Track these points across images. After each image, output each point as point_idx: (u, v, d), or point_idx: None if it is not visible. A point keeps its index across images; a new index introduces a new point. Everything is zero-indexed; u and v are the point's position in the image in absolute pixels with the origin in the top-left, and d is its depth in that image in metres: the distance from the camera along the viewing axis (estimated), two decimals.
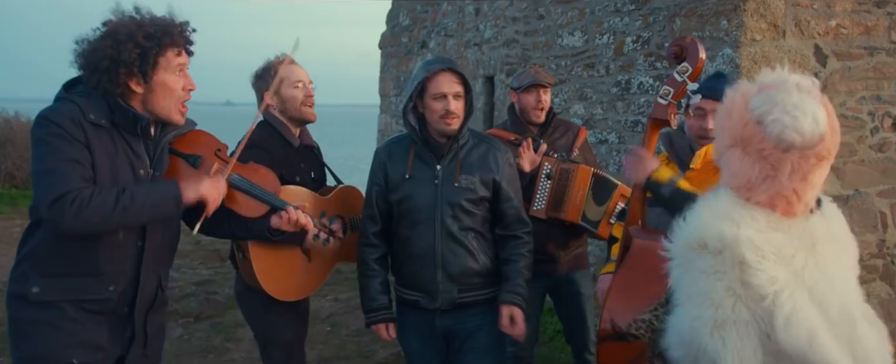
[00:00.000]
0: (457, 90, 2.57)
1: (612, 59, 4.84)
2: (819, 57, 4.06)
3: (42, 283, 1.98)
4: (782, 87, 1.44)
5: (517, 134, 3.32)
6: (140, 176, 2.04)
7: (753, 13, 3.86)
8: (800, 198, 1.44)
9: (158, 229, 2.12)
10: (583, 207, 3.17)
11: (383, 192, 2.66)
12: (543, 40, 5.50)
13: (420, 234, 2.60)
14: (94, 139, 1.94)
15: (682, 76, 2.39)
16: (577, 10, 5.17)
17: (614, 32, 4.81)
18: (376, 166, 2.70)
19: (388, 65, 8.35)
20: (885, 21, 4.17)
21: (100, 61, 1.95)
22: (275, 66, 2.73)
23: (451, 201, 2.58)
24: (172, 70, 2.02)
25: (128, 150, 2.01)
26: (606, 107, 4.90)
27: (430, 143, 2.63)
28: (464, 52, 6.71)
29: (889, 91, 4.21)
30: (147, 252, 2.09)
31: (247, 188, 2.30)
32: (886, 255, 4.25)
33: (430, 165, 2.63)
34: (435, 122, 2.58)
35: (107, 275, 2.02)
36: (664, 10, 4.38)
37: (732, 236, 1.39)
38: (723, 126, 1.50)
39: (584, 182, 3.18)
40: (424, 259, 2.60)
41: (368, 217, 2.69)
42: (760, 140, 1.42)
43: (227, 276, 6.08)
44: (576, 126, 3.50)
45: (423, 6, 7.56)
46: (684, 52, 2.40)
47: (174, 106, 2.04)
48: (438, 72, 2.56)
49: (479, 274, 2.63)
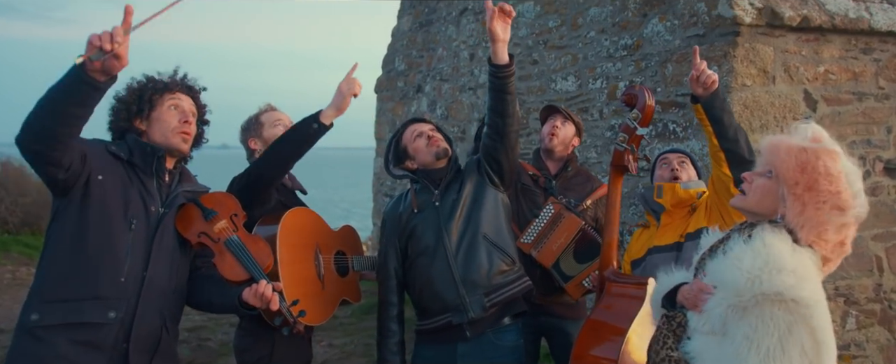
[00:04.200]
0: (427, 128, 2.84)
1: (605, 104, 4.90)
2: (809, 102, 4.12)
3: (43, 308, 2.03)
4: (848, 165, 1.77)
5: (537, 168, 3.34)
6: (151, 212, 2.16)
7: (743, 59, 3.93)
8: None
9: (164, 261, 2.17)
10: (558, 255, 3.13)
11: (398, 249, 2.79)
12: (538, 85, 5.58)
13: (433, 255, 2.68)
14: (109, 165, 2.14)
15: (633, 122, 2.51)
16: (570, 56, 5.25)
17: (607, 77, 4.88)
18: (387, 230, 2.84)
19: (383, 108, 8.43)
20: (871, 67, 4.26)
21: (116, 110, 2.28)
22: (257, 116, 2.94)
23: (451, 213, 2.69)
24: (166, 107, 2.28)
25: (141, 187, 2.18)
26: (601, 150, 4.93)
27: (428, 172, 2.81)
28: (459, 97, 6.79)
29: (879, 135, 4.26)
30: (150, 282, 2.13)
31: (238, 252, 2.34)
32: (884, 299, 4.24)
33: (429, 192, 2.78)
34: (425, 152, 2.79)
35: (108, 300, 2.05)
36: (656, 56, 4.45)
37: (810, 299, 1.63)
38: (802, 180, 1.72)
39: (569, 232, 3.14)
40: (444, 276, 2.65)
41: (389, 290, 2.79)
42: (850, 211, 1.72)
43: (220, 323, 6.00)
44: (597, 180, 3.48)
45: (418, 51, 7.68)
46: (633, 100, 2.53)
47: (170, 133, 2.25)
48: (406, 127, 2.88)
49: (501, 272, 2.68)
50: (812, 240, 1.70)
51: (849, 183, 1.73)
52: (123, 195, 2.12)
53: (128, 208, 2.12)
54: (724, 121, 2.47)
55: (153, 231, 2.17)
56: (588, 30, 5.07)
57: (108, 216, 2.09)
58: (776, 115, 4.02)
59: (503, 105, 2.61)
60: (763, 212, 1.80)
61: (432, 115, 7.27)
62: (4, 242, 9.59)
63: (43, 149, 1.96)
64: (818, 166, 1.71)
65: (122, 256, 2.08)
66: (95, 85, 1.86)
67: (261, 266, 2.33)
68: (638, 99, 2.51)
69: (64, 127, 1.93)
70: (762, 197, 1.79)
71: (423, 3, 7.61)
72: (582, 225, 3.14)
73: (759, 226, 1.75)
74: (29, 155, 1.99)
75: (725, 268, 1.70)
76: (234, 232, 2.35)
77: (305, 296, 2.56)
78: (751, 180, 1.83)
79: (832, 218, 1.70)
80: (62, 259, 2.07)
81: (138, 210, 2.14)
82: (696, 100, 2.51)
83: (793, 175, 1.72)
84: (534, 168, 3.36)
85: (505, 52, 2.54)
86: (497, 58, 2.54)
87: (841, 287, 4.12)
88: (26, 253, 8.93)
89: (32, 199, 10.23)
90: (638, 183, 4.36)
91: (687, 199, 2.75)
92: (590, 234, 3.16)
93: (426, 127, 2.85)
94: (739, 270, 1.66)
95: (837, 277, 4.05)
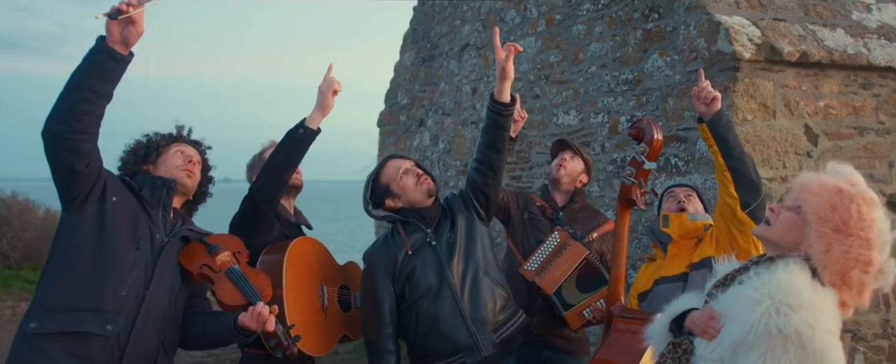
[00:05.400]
0: (410, 164, 2.79)
1: (607, 138, 4.92)
2: (810, 136, 4.13)
3: (43, 317, 2.09)
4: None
5: (545, 200, 3.35)
6: (156, 239, 2.26)
7: (743, 94, 3.96)
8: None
9: (165, 284, 2.23)
10: (560, 282, 3.09)
11: (392, 293, 2.67)
12: (539, 119, 5.61)
13: (437, 296, 2.62)
14: (122, 191, 2.25)
15: (640, 156, 2.51)
16: (571, 91, 5.29)
17: (609, 112, 4.91)
18: (378, 274, 2.67)
19: (386, 142, 8.46)
20: (871, 102, 4.28)
21: (126, 157, 2.46)
22: (261, 153, 3.00)
23: (450, 251, 2.65)
24: (172, 153, 2.45)
25: (147, 218, 2.28)
26: (603, 184, 4.93)
27: (417, 211, 2.73)
28: (461, 130, 6.82)
29: (881, 170, 4.26)
30: (150, 301, 2.18)
31: (237, 280, 2.36)
32: (891, 334, 4.19)
33: (420, 231, 2.70)
34: (415, 190, 2.73)
35: (107, 313, 2.10)
36: (657, 90, 4.49)
37: (823, 339, 1.63)
38: (832, 220, 1.70)
39: (573, 260, 3.12)
40: (452, 316, 2.60)
41: (385, 338, 2.64)
42: (876, 260, 1.70)
43: (220, 358, 5.93)
44: (604, 216, 3.49)
45: (420, 86, 7.75)
46: (641, 134, 2.53)
47: (175, 170, 2.39)
48: (385, 164, 2.80)
49: (502, 308, 2.68)
50: (835, 281, 1.68)
51: (879, 232, 1.71)
52: (133, 219, 2.23)
53: (137, 230, 2.22)
54: (729, 140, 2.50)
55: (157, 254, 2.25)
56: (589, 65, 5.12)
57: (118, 234, 2.18)
58: (778, 149, 4.03)
59: (501, 141, 2.65)
60: (785, 245, 1.80)
61: (435, 149, 7.31)
62: (5, 278, 9.54)
63: (64, 129, 2.06)
64: (851, 209, 1.69)
65: (126, 272, 2.15)
66: (114, 55, 2.04)
67: (259, 294, 2.34)
68: (645, 133, 2.51)
69: (84, 103, 2.05)
70: (787, 230, 1.79)
71: (425, 38, 7.70)
72: (587, 254, 3.13)
73: (781, 259, 1.74)
74: (50, 140, 2.08)
75: (741, 298, 1.69)
76: (236, 264, 2.39)
77: (307, 324, 2.55)
78: (777, 212, 1.84)
79: (858, 264, 1.67)
80: (66, 270, 2.13)
81: (145, 234, 2.24)
82: (701, 120, 2.54)
83: (823, 213, 1.70)
84: (541, 200, 3.37)
85: (509, 90, 2.60)
86: (502, 96, 2.56)
87: (848, 323, 4.07)
88: (27, 288, 8.87)
89: (35, 234, 10.21)
90: (641, 217, 4.35)
91: (694, 230, 2.75)
92: (594, 265, 3.14)
93: (408, 163, 2.80)
94: (755, 302, 1.65)
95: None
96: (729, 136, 2.50)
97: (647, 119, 2.58)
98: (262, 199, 2.67)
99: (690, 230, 2.75)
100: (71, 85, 2.06)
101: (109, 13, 2.00)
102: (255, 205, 2.67)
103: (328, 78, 2.63)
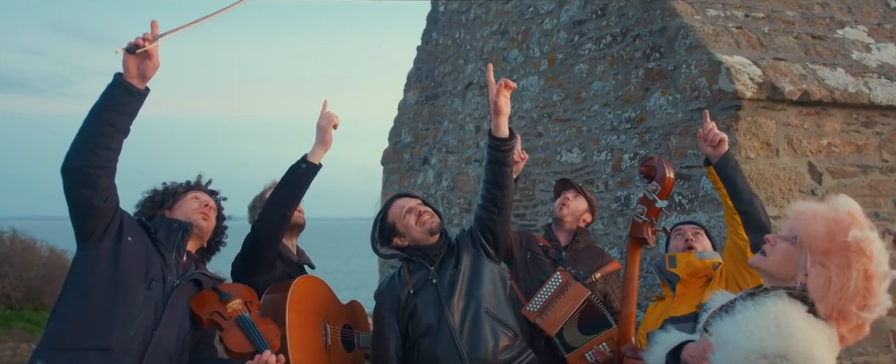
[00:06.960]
0: (416, 202, 2.78)
1: (610, 175, 4.93)
2: (814, 174, 4.13)
3: (50, 355, 2.08)
4: None
5: (548, 240, 3.34)
6: (167, 281, 2.26)
7: (746, 132, 3.97)
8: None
9: (173, 326, 2.23)
10: (562, 323, 3.06)
11: (397, 332, 2.68)
12: (543, 157, 5.63)
13: (436, 334, 2.60)
14: (137, 231, 2.28)
15: (652, 195, 2.49)
16: (574, 129, 5.32)
17: (612, 150, 4.93)
18: (385, 313, 2.71)
19: (390, 180, 8.49)
20: (874, 140, 4.29)
21: (144, 204, 2.51)
22: (263, 193, 3.01)
23: (451, 289, 2.62)
24: (188, 198, 2.51)
25: (161, 259, 2.29)
26: (607, 222, 4.92)
27: (421, 249, 2.73)
28: (465, 168, 6.84)
29: (887, 208, 4.25)
30: (158, 341, 2.17)
31: (246, 327, 2.37)
32: None
33: (424, 269, 2.70)
34: (416, 229, 2.72)
35: (115, 352, 2.10)
36: (659, 128, 4.51)
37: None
38: (830, 250, 1.67)
39: (575, 301, 3.09)
40: (450, 355, 2.58)
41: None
42: (876, 292, 1.68)
43: None
44: (608, 256, 3.48)
45: (424, 124, 7.80)
46: (652, 172, 2.51)
47: (191, 213, 2.43)
48: (392, 203, 2.81)
49: (505, 348, 2.63)
50: (832, 315, 1.64)
51: (877, 263, 1.67)
52: (147, 259, 2.25)
53: (149, 270, 2.23)
54: (737, 182, 2.47)
55: (167, 296, 2.25)
56: (591, 103, 5.15)
57: (131, 273, 2.19)
58: (781, 187, 4.03)
59: (503, 177, 2.64)
60: (781, 276, 1.78)
61: (439, 187, 7.32)
62: (6, 318, 9.46)
63: (82, 164, 2.09)
64: (848, 238, 1.66)
65: (135, 311, 2.15)
66: (131, 90, 2.09)
67: (267, 343, 2.34)
68: (657, 171, 2.50)
69: (102, 137, 2.09)
70: (782, 261, 1.78)
71: (428, 77, 7.78)
72: (589, 295, 3.09)
73: (773, 291, 1.71)
74: (69, 176, 2.11)
75: (730, 328, 1.68)
76: (247, 312, 2.39)
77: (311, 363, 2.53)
78: (773, 242, 1.82)
79: (856, 296, 1.64)
80: (77, 308, 2.14)
81: (158, 274, 2.25)
82: (708, 162, 2.52)
83: (819, 244, 1.67)
84: (544, 239, 3.36)
85: (506, 125, 2.59)
86: (499, 131, 2.58)
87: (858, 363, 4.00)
88: (28, 329, 8.78)
89: (37, 273, 10.16)
90: (646, 255, 4.33)
91: (702, 268, 2.73)
92: (596, 307, 3.11)
93: (414, 202, 2.80)
94: (745, 331, 1.63)
95: (854, 353, 3.95)
96: (737, 179, 2.47)
97: (659, 157, 2.57)
98: (264, 236, 2.67)
99: (699, 269, 2.73)
100: (89, 120, 2.10)
101: (127, 48, 2.06)
102: (257, 242, 2.67)
103: (325, 113, 2.65)
